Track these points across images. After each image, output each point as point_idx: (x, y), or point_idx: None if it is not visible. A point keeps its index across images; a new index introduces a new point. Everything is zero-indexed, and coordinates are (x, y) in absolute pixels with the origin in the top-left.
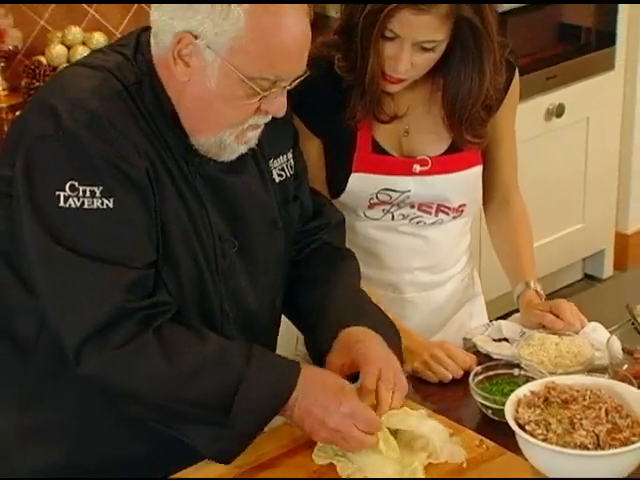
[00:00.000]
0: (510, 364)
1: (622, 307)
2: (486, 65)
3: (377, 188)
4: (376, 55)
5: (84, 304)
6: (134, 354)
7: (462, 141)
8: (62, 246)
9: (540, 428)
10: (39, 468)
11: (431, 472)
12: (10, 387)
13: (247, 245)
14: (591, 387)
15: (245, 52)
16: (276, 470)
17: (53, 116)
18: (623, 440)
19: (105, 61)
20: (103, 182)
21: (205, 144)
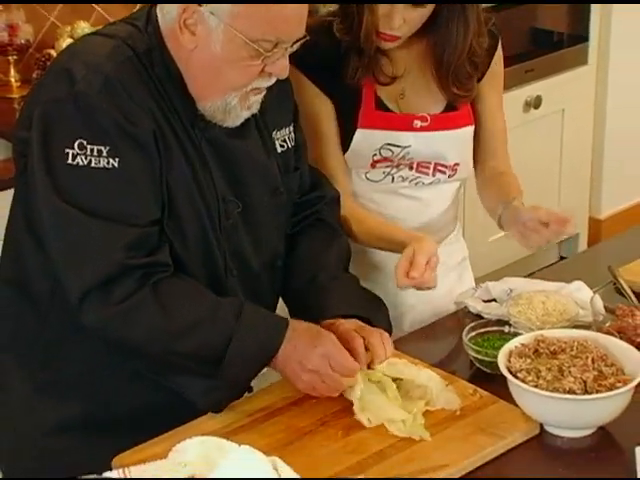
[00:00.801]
0: (500, 322)
1: (602, 270)
2: (470, 18)
3: (380, 143)
4: (370, 14)
5: (87, 259)
6: (133, 309)
7: (451, 95)
8: (68, 203)
9: (531, 376)
10: (57, 421)
11: (428, 418)
12: (29, 344)
13: (250, 207)
14: (578, 339)
15: (247, 16)
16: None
17: (68, 79)
18: (609, 386)
19: (117, 31)
20: (110, 142)
21: (211, 108)
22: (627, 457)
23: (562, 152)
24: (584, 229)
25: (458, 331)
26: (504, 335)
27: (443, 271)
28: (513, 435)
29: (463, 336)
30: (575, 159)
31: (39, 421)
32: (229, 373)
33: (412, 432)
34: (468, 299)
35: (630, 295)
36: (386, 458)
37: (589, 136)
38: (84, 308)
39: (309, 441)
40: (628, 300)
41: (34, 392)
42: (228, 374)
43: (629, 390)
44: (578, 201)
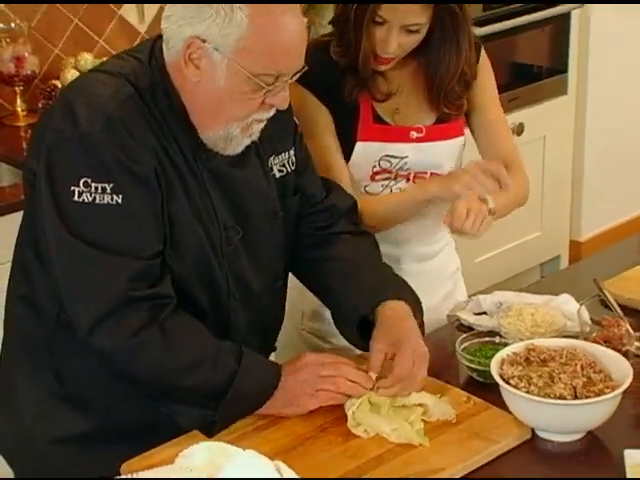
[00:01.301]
0: (491, 333)
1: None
2: (462, 44)
3: (379, 155)
4: (368, 39)
5: (93, 291)
6: (140, 345)
7: (442, 113)
8: (74, 236)
9: (522, 382)
10: (62, 432)
11: (425, 425)
12: (39, 358)
13: (250, 232)
14: (567, 347)
15: (249, 51)
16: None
17: (72, 119)
18: (597, 392)
19: (121, 67)
20: (114, 180)
21: (213, 138)
22: (616, 460)
23: (544, 177)
24: (565, 251)
25: (451, 342)
26: (495, 345)
27: (439, 280)
28: (506, 439)
29: (456, 346)
30: (556, 183)
31: (45, 430)
32: (228, 410)
33: (411, 438)
34: (460, 312)
35: (615, 307)
36: (385, 462)
37: (569, 162)
38: (93, 338)
39: (310, 446)
40: (613, 312)
41: (43, 403)
42: (227, 410)
43: (617, 396)
44: (559, 224)
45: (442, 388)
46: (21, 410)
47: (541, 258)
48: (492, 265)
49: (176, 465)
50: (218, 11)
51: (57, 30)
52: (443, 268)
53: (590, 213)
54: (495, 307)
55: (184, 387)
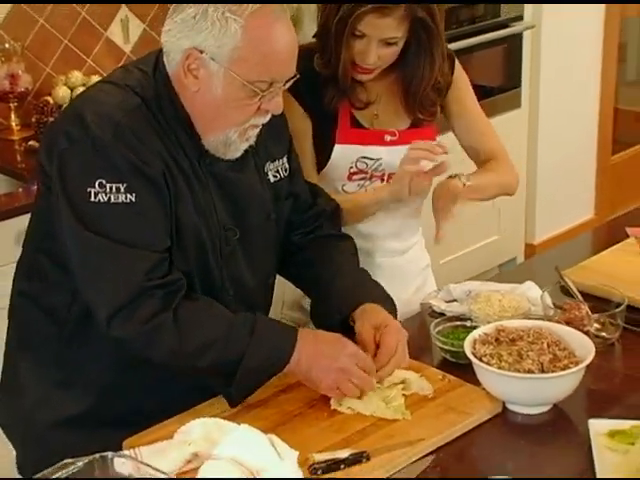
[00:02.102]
0: (462, 318)
1: (545, 275)
2: (435, 55)
3: (356, 157)
4: (347, 51)
5: (111, 282)
6: (154, 330)
7: (416, 119)
8: (93, 233)
9: (494, 359)
10: (66, 417)
11: (405, 403)
12: (47, 348)
13: (246, 233)
14: (534, 327)
15: (244, 60)
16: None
17: (83, 125)
18: (562, 367)
19: (127, 79)
20: (127, 180)
21: (214, 143)
22: (581, 430)
23: None
24: (521, 253)
25: (425, 328)
26: (466, 329)
27: (410, 275)
28: (479, 413)
29: (431, 330)
30: None
31: (50, 415)
32: (240, 385)
33: (394, 414)
34: (432, 300)
35: (575, 292)
36: (368, 435)
37: (523, 170)
38: (112, 326)
39: (299, 422)
40: (574, 297)
41: (47, 389)
42: (239, 385)
43: (581, 370)
44: (515, 228)
45: (419, 368)
46: (24, 397)
47: (499, 260)
48: (455, 266)
49: (175, 440)
50: (214, 23)
51: (48, 50)
52: (414, 263)
53: (543, 218)
54: (464, 295)
55: (198, 368)
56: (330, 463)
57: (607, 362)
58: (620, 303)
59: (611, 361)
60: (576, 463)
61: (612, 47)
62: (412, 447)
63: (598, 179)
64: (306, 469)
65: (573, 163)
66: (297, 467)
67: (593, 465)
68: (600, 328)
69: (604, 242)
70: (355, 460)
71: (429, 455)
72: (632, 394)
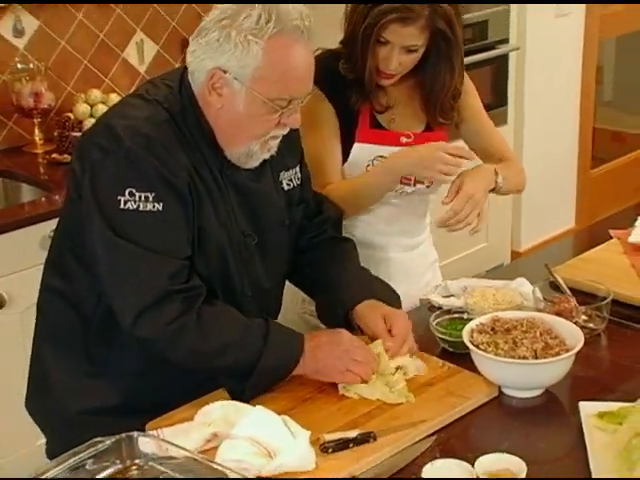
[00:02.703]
0: (459, 311)
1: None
2: (455, 64)
3: (373, 155)
4: (372, 57)
5: (136, 286)
6: (178, 331)
7: (436, 122)
8: (122, 238)
9: (490, 347)
10: (93, 405)
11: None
12: (75, 342)
13: (263, 238)
14: (527, 318)
15: (264, 79)
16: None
17: (115, 137)
18: (554, 354)
19: (155, 94)
20: (155, 190)
21: (237, 154)
22: (571, 412)
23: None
24: (507, 260)
25: (424, 321)
26: (463, 321)
27: (421, 269)
28: (477, 396)
29: (430, 322)
30: (499, 202)
31: (79, 404)
32: (257, 382)
33: (398, 397)
34: (431, 295)
35: (564, 286)
36: (374, 417)
37: None
38: (138, 326)
39: (310, 405)
40: (563, 292)
41: (76, 380)
42: (256, 382)
43: (571, 356)
44: (502, 236)
45: (420, 356)
46: (53, 386)
47: (487, 266)
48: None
49: (195, 421)
50: (236, 45)
51: (70, 70)
52: (424, 258)
53: (528, 227)
54: (461, 290)
55: (216, 367)
56: (340, 442)
57: (594, 351)
58: (605, 297)
59: (598, 350)
60: (568, 442)
61: (590, 69)
62: (415, 428)
63: (578, 191)
64: (317, 448)
65: (556, 176)
66: (309, 445)
67: (584, 444)
68: (587, 320)
69: (586, 244)
70: (363, 440)
71: (431, 435)
72: (618, 380)
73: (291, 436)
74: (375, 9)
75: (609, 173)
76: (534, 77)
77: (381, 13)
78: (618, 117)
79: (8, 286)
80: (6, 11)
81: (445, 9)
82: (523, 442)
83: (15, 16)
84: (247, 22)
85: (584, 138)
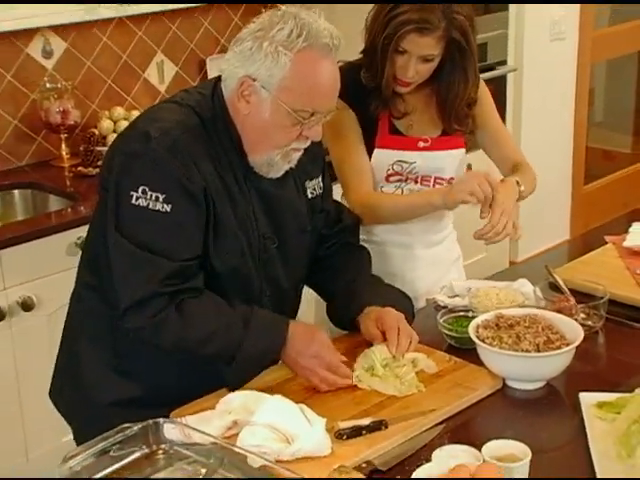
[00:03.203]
0: (464, 310)
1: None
2: (469, 73)
3: (393, 160)
4: (391, 65)
5: (130, 283)
6: (159, 323)
7: (452, 129)
8: (125, 237)
9: (495, 341)
10: (120, 398)
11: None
12: (105, 336)
13: (284, 242)
14: (529, 314)
15: (290, 90)
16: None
17: (145, 138)
18: (555, 348)
19: (189, 99)
20: (167, 192)
21: (259, 162)
22: (572, 402)
23: None
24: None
25: (432, 319)
26: (468, 319)
27: (446, 263)
28: (482, 388)
29: (438, 319)
30: None
31: (107, 396)
32: (238, 370)
33: (409, 388)
34: (437, 295)
35: (563, 286)
36: (386, 407)
37: None
38: (125, 319)
39: (324, 396)
40: (562, 291)
41: (105, 373)
42: (237, 371)
43: (572, 350)
44: (500, 247)
45: (429, 351)
46: (83, 379)
47: (486, 275)
48: None
49: (217, 410)
50: (267, 55)
51: (94, 89)
52: (448, 253)
53: (525, 239)
54: (465, 291)
55: (204, 355)
56: (353, 430)
57: (592, 347)
58: (603, 297)
59: (596, 346)
60: (569, 430)
61: (583, 91)
62: (425, 417)
63: (573, 206)
64: (332, 435)
65: (552, 192)
66: (325, 432)
67: (584, 432)
68: (586, 318)
69: (581, 250)
70: (375, 427)
71: (440, 424)
72: (615, 373)
73: (308, 423)
74: (394, 20)
75: (601, 189)
76: (531, 97)
77: (400, 24)
78: (609, 137)
79: (37, 290)
80: (36, 34)
81: (460, 21)
82: (527, 431)
83: (44, 38)
84: (279, 34)
85: (578, 156)
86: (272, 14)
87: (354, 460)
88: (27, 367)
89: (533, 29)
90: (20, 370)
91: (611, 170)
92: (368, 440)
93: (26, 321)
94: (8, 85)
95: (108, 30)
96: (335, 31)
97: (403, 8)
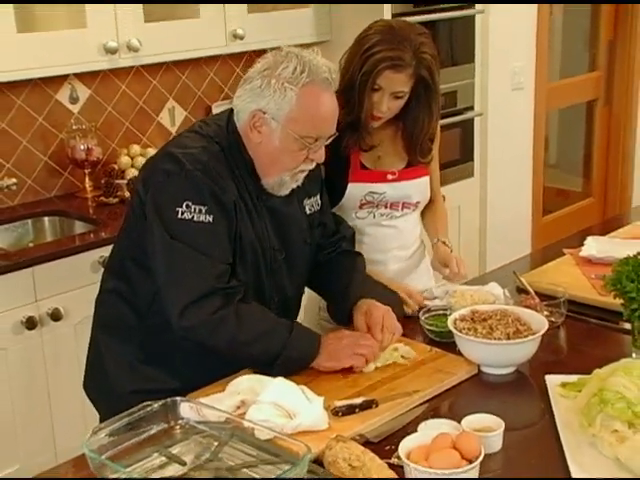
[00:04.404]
0: (443, 309)
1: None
2: (433, 110)
3: (365, 192)
4: (368, 101)
5: (187, 282)
6: (218, 321)
7: (415, 162)
8: (178, 241)
9: (471, 331)
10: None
11: (403, 366)
12: (131, 334)
13: (290, 254)
14: (500, 309)
15: (297, 120)
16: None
17: (177, 162)
18: (523, 337)
19: (208, 130)
20: (208, 204)
21: (271, 183)
22: (539, 384)
23: (459, 234)
24: None
25: (414, 317)
26: (446, 316)
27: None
28: (460, 373)
29: (420, 316)
30: (469, 236)
31: (125, 384)
32: (281, 370)
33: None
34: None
35: (529, 288)
36: (376, 389)
37: (476, 225)
38: (184, 316)
39: (322, 380)
40: (528, 292)
41: (127, 364)
42: (280, 370)
43: (538, 338)
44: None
45: (411, 344)
46: (106, 368)
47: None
48: None
49: (226, 392)
50: (275, 91)
51: (114, 130)
52: (418, 263)
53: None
54: (443, 294)
55: (251, 355)
56: (348, 407)
57: (555, 339)
58: (563, 296)
59: (558, 338)
60: (537, 407)
61: (540, 136)
62: (410, 397)
63: (532, 235)
64: (330, 412)
65: (515, 222)
66: (323, 409)
67: (551, 409)
68: (549, 315)
69: (542, 261)
70: (367, 406)
71: (424, 403)
72: (575, 360)
73: (308, 401)
74: (371, 58)
75: (556, 221)
76: (495, 139)
77: (377, 61)
78: (562, 177)
79: (64, 302)
80: (64, 82)
81: (428, 60)
82: (500, 409)
83: (71, 86)
84: (285, 72)
85: (536, 193)
86: (276, 54)
87: (349, 433)
88: (56, 370)
89: (496, 79)
90: (50, 373)
91: (565, 205)
92: (361, 417)
93: (55, 330)
94: (39, 127)
95: (127, 79)
96: (332, 66)
97: (378, 48)
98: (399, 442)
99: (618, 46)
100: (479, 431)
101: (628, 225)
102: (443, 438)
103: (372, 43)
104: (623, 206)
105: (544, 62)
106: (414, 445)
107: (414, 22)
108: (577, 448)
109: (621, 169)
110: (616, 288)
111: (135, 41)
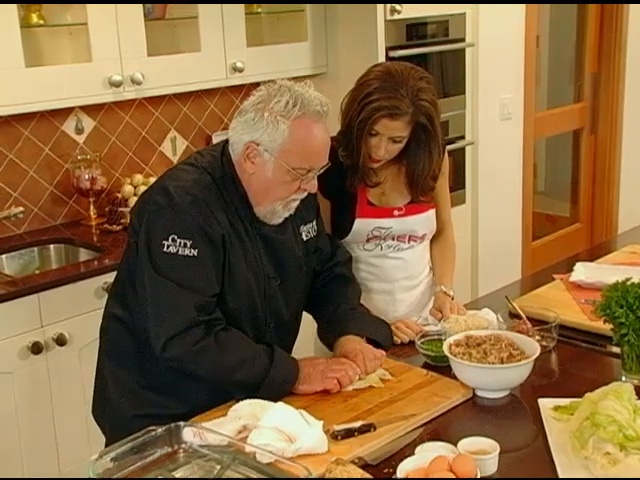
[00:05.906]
0: (438, 334)
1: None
2: (433, 153)
3: (372, 227)
4: (366, 145)
5: (170, 315)
6: (201, 350)
7: (417, 200)
8: (161, 276)
9: (465, 356)
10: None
11: (400, 389)
12: (133, 361)
13: (285, 280)
14: (493, 334)
15: (290, 152)
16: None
17: (167, 195)
18: (517, 361)
19: (202, 162)
20: (193, 238)
21: (263, 212)
22: (532, 407)
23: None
24: None
25: (411, 343)
26: (442, 341)
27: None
28: (456, 396)
29: (416, 341)
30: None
31: (128, 409)
32: (264, 395)
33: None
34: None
35: (521, 313)
36: (374, 412)
37: (468, 250)
38: (167, 349)
39: (321, 405)
40: (520, 317)
41: (127, 391)
42: (263, 395)
43: (531, 362)
44: (462, 295)
45: (408, 368)
46: (110, 393)
47: None
48: None
49: (228, 416)
50: (268, 124)
51: (118, 160)
52: (423, 296)
53: (483, 287)
54: (438, 320)
55: (235, 381)
56: (347, 431)
57: (547, 363)
58: (554, 321)
59: (550, 362)
60: (530, 429)
61: (529, 164)
62: (407, 420)
63: (523, 259)
64: (329, 435)
65: (505, 247)
66: (322, 433)
67: (544, 431)
68: (540, 339)
69: (532, 287)
70: (365, 429)
71: (421, 427)
72: (567, 384)
73: (307, 425)
74: (368, 106)
75: (545, 245)
76: (485, 167)
77: (373, 110)
78: (550, 203)
79: (69, 327)
80: (70, 114)
81: (426, 107)
82: (495, 432)
83: (77, 118)
84: (277, 106)
85: (526, 219)
86: (269, 87)
87: (348, 456)
88: (61, 394)
89: (486, 110)
90: (55, 397)
91: (553, 230)
92: (359, 440)
93: (60, 354)
94: (45, 157)
95: (130, 111)
96: (324, 99)
97: (375, 96)
98: (397, 465)
99: (602, 78)
100: (475, 454)
101: (614, 252)
102: (440, 460)
103: (370, 90)
104: (609, 231)
105: (532, 93)
106: (412, 467)
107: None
108: (570, 470)
109: (607, 195)
110: (606, 313)
111: (138, 75)
